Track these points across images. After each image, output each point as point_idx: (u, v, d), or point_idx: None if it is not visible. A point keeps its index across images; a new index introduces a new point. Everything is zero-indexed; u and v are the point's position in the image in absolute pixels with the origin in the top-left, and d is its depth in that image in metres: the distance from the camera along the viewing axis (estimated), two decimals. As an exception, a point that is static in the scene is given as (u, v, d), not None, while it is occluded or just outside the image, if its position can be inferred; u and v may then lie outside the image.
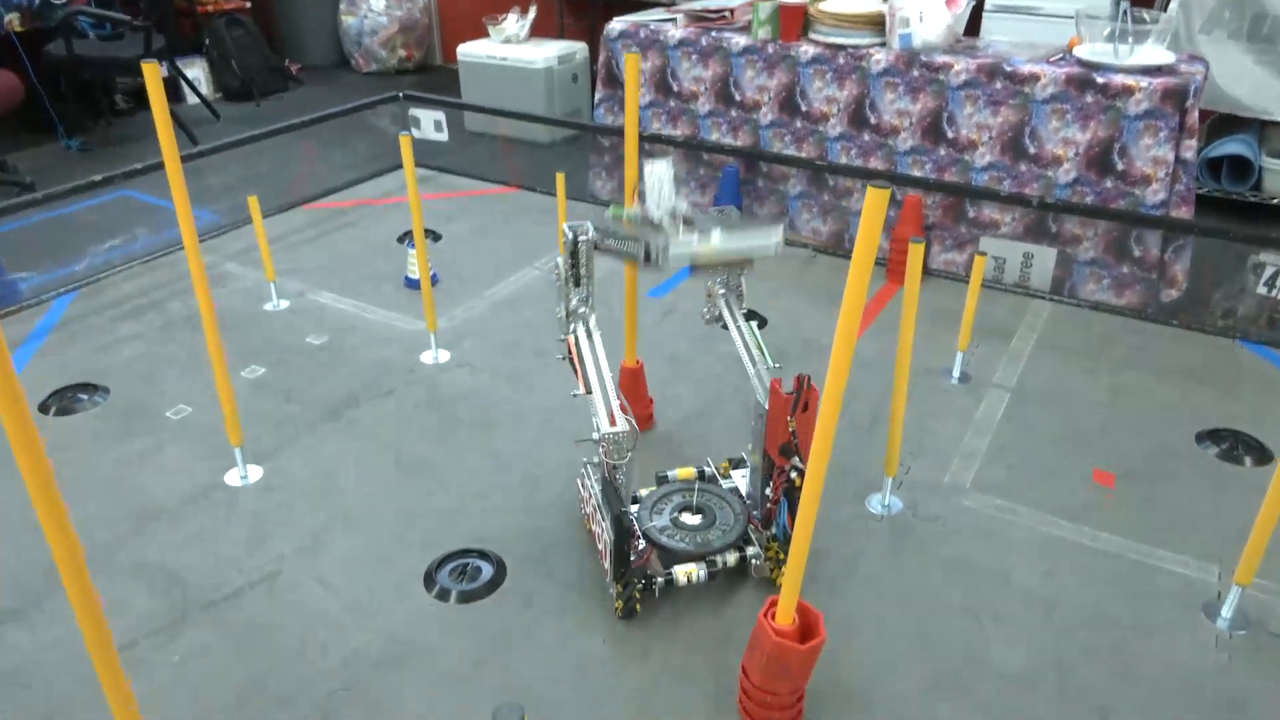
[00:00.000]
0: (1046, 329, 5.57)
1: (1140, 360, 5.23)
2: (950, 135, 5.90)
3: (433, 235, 6.79)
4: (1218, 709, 3.10)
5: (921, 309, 6.59)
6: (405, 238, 6.61)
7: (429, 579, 3.54)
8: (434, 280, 6.00)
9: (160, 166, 6.27)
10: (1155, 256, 5.64)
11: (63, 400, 4.66)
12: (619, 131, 7.21)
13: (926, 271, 6.27)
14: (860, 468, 4.24)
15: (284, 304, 5.70)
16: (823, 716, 3.03)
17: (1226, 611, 3.45)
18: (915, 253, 3.34)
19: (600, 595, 3.49)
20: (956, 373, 5.00)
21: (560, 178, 5.88)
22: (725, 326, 3.86)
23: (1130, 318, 5.70)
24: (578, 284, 3.65)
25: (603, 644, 3.29)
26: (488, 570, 3.58)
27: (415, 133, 8.12)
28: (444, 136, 8.00)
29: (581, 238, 3.56)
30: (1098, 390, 4.93)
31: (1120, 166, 5.49)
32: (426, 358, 5.11)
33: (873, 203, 2.19)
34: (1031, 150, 5.70)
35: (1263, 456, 4.40)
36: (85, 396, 4.69)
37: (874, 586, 3.58)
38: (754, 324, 3.77)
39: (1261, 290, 5.42)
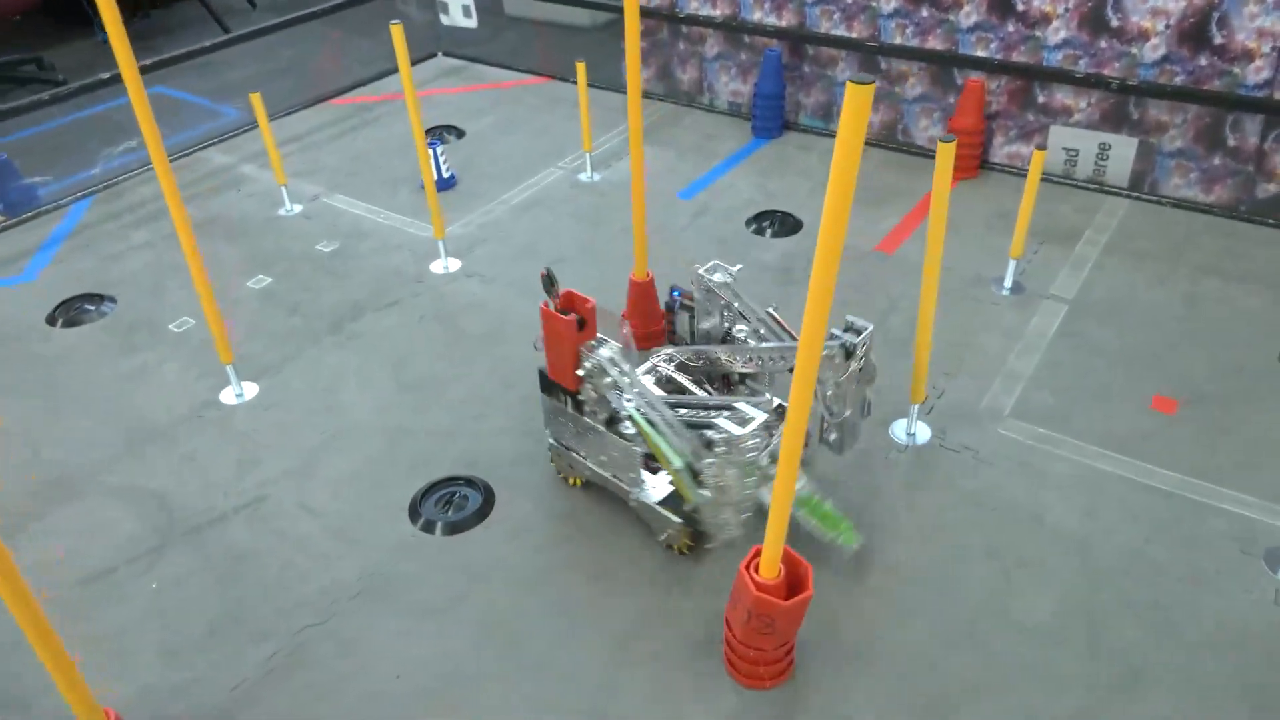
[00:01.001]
0: (1119, 230, 4.98)
1: (1225, 266, 4.63)
2: (1020, 7, 5.19)
3: (456, 132, 6.45)
4: (1267, 673, 2.76)
5: (978, 209, 6.02)
6: (428, 135, 6.28)
7: (414, 510, 3.39)
8: (452, 182, 5.70)
9: (177, 60, 6.05)
10: (1254, 146, 4.93)
11: (70, 311, 4.60)
12: (656, 14, 6.64)
13: (987, 166, 5.67)
14: (889, 388, 3.85)
15: (297, 208, 5.49)
16: (816, 670, 2.80)
17: (1292, 561, 3.07)
18: (945, 154, 2.88)
19: (592, 529, 3.30)
20: (1009, 282, 4.51)
21: (581, 68, 5.42)
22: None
23: (1219, 216, 5.05)
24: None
25: (589, 582, 3.11)
26: (475, 499, 3.41)
27: (444, 19, 7.66)
28: (472, 23, 7.51)
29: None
30: (1171, 301, 4.40)
31: (1218, 40, 4.74)
32: (436, 266, 4.87)
33: (854, 100, 1.79)
34: (1114, 23, 4.97)
35: (1358, 380, 3.87)
36: (92, 307, 4.63)
37: (889, 524, 3.28)
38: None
39: (1381, 183, 4.72)
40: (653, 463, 3.14)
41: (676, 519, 3.08)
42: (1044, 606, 2.98)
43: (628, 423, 3.05)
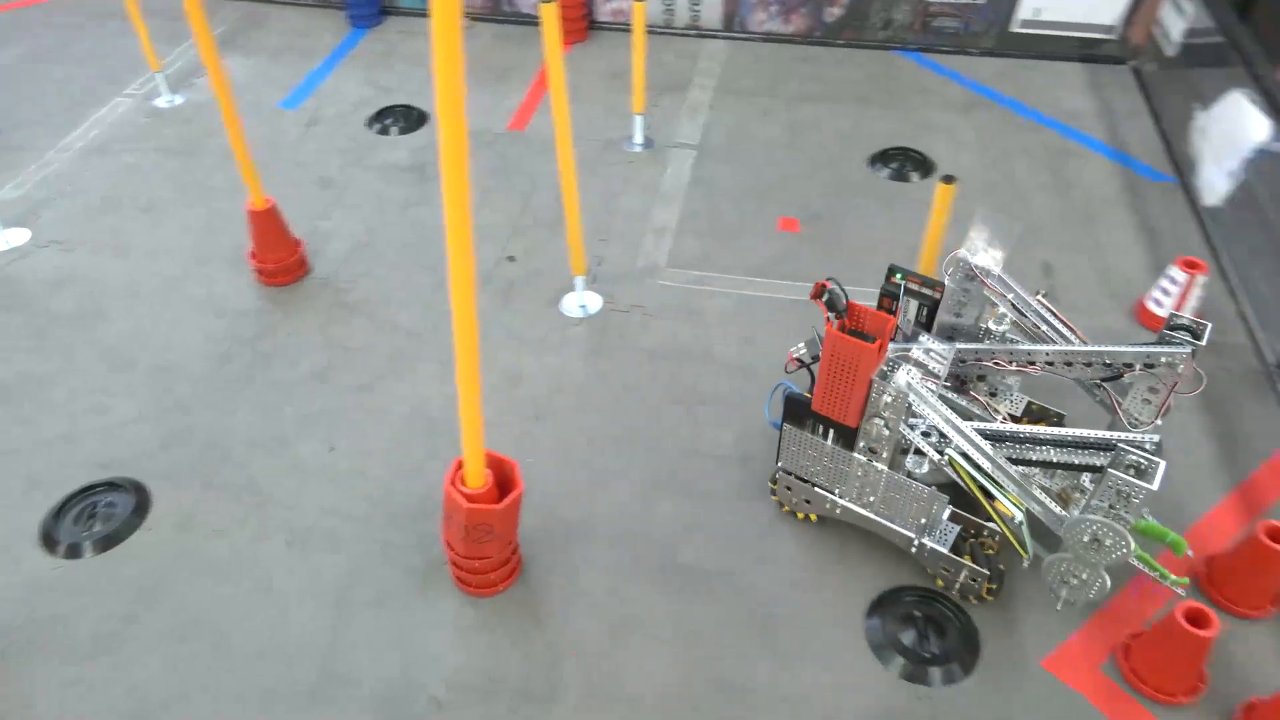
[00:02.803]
0: (724, 73, 5.27)
1: (814, 90, 5.12)
2: None
3: (-27, 71, 5.18)
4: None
5: (594, 70, 6.04)
6: (-69, 81, 4.98)
7: (48, 536, 2.83)
8: (-16, 134, 4.61)
9: None
10: (815, -27, 5.41)
11: None
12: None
13: (595, 26, 5.69)
14: (551, 270, 3.85)
15: None
16: (545, 557, 2.82)
17: (909, 336, 3.57)
18: (549, 17, 2.77)
19: (275, 493, 2.98)
20: (639, 138, 4.63)
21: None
22: None
23: (800, 44, 5.53)
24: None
25: (286, 547, 2.83)
26: (126, 503, 2.92)
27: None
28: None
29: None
30: (778, 131, 4.78)
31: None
32: (-6, 243, 3.96)
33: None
34: None
35: (926, 169, 4.52)
36: None
37: (582, 398, 3.32)
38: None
39: (915, -7, 5.40)
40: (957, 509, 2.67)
41: (979, 568, 2.66)
42: (726, 436, 3.21)
43: (916, 458, 2.52)
